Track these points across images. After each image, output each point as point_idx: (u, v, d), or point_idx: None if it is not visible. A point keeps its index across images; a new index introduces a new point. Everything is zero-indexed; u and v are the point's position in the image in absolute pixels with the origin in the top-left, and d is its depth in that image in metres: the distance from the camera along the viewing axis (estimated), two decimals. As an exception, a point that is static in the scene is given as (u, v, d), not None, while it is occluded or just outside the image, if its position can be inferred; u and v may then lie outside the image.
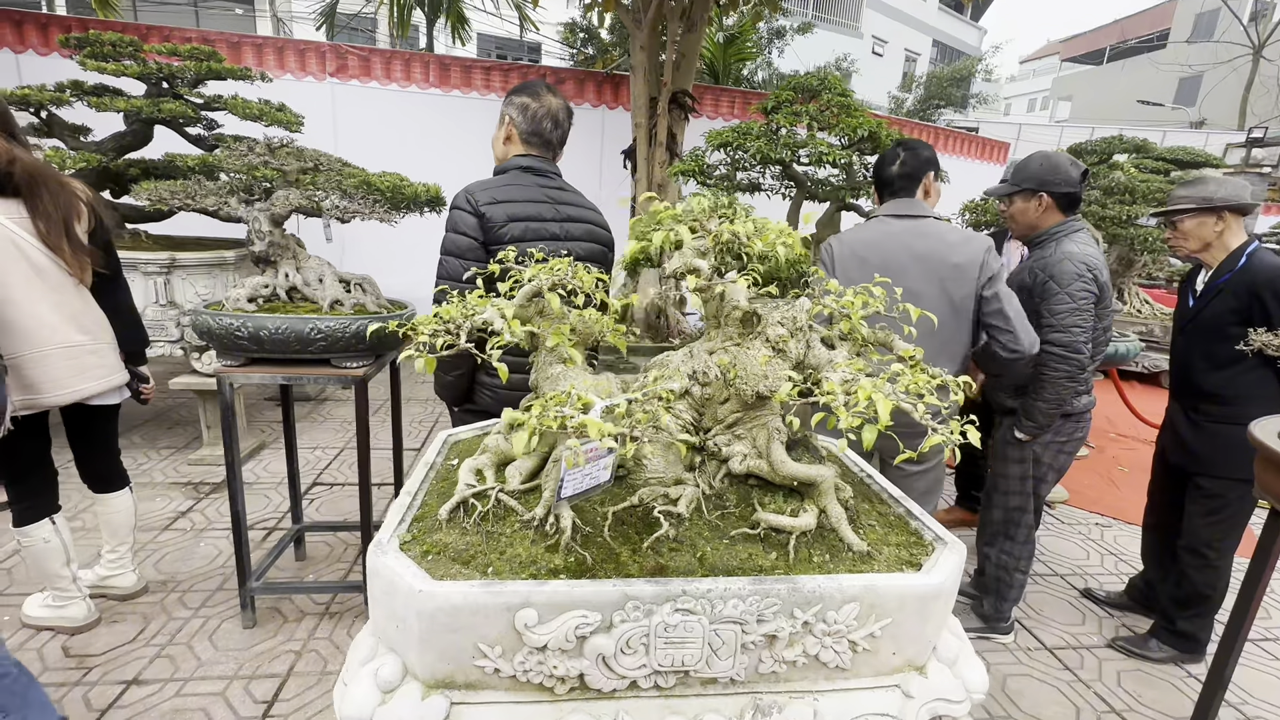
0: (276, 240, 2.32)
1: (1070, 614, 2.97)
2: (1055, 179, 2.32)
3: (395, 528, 0.89)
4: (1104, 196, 3.88)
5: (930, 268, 2.07)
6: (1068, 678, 2.55)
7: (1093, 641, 2.78)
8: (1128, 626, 2.88)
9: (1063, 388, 2.26)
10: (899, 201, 2.18)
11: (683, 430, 1.00)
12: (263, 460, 4.01)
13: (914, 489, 2.24)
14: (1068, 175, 2.32)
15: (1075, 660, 2.66)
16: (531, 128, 1.90)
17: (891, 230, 2.13)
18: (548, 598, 0.77)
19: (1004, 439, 2.55)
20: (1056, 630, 2.84)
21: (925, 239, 2.09)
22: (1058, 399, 2.29)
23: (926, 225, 2.13)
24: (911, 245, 2.09)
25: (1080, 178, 2.32)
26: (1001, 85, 34.59)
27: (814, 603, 0.82)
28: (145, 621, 2.51)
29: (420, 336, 0.89)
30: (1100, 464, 4.89)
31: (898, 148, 2.18)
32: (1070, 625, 2.89)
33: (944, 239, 2.09)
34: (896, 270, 2.08)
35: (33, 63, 5.33)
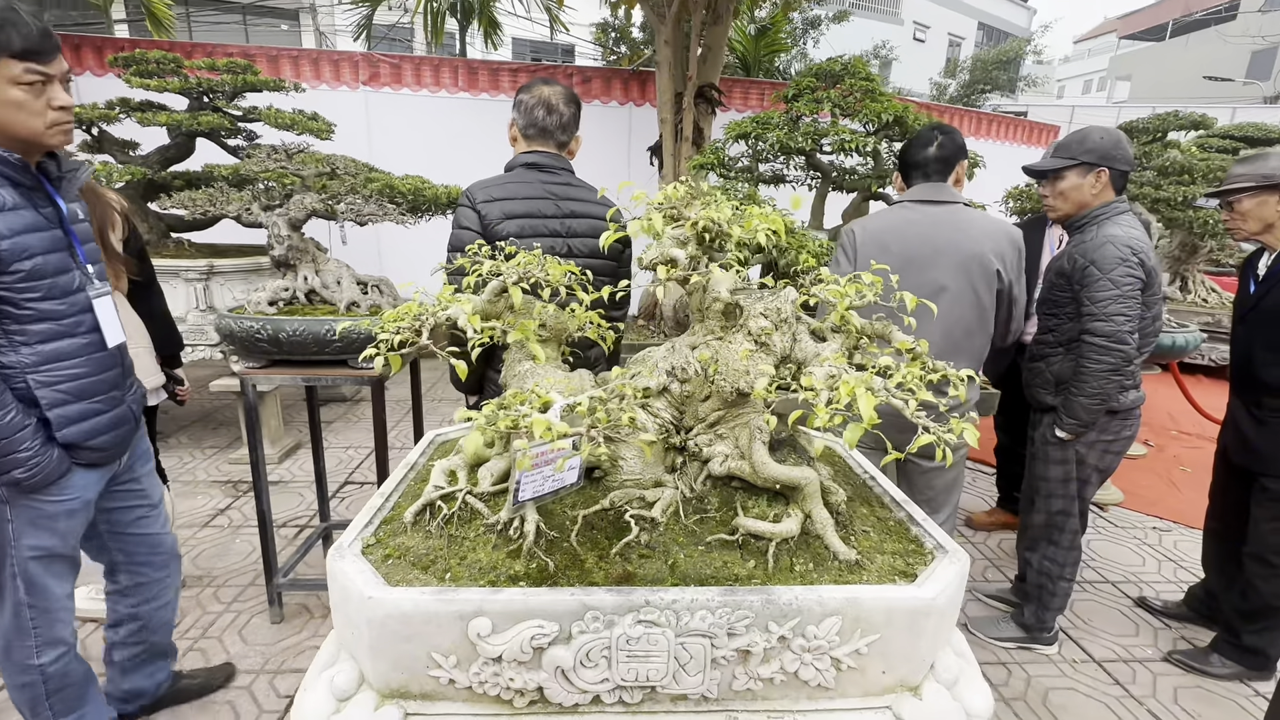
0: (295, 244, 2.37)
1: (1122, 624, 2.78)
2: (1117, 154, 2.15)
3: (360, 530, 0.87)
4: (1159, 177, 3.61)
5: (958, 258, 1.94)
6: (1117, 693, 2.38)
7: (1146, 654, 2.59)
8: (1187, 639, 2.67)
9: (1106, 381, 2.10)
10: (929, 186, 2.05)
11: (661, 430, 0.95)
12: (298, 459, 4.13)
13: (932, 485, 2.13)
14: (1127, 153, 2.16)
15: (1126, 674, 2.48)
16: (527, 120, 1.88)
17: (916, 217, 2.01)
18: (502, 606, 0.73)
19: (1044, 438, 2.39)
20: (1106, 642, 2.66)
21: (954, 227, 1.97)
22: (1101, 394, 2.13)
23: (955, 213, 2.01)
24: (938, 233, 1.97)
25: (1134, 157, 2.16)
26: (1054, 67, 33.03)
27: (791, 616, 0.75)
28: (181, 615, 2.59)
29: (383, 334, 0.86)
30: (1160, 463, 4.58)
31: (934, 130, 2.07)
32: (1122, 636, 2.70)
33: (973, 228, 1.96)
34: (921, 260, 1.96)
35: (90, 83, 5.63)
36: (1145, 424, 5.30)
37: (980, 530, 3.58)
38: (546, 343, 0.97)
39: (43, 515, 1.46)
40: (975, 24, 23.85)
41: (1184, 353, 3.59)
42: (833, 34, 13.15)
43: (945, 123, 2.08)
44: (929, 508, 2.19)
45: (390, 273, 2.81)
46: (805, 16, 12.47)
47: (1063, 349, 2.28)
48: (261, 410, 3.92)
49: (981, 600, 2.89)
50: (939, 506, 2.19)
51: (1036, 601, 2.53)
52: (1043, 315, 2.37)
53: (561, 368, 0.99)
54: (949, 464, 0.78)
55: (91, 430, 1.48)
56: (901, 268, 1.97)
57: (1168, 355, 3.62)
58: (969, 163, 3.11)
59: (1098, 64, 32.92)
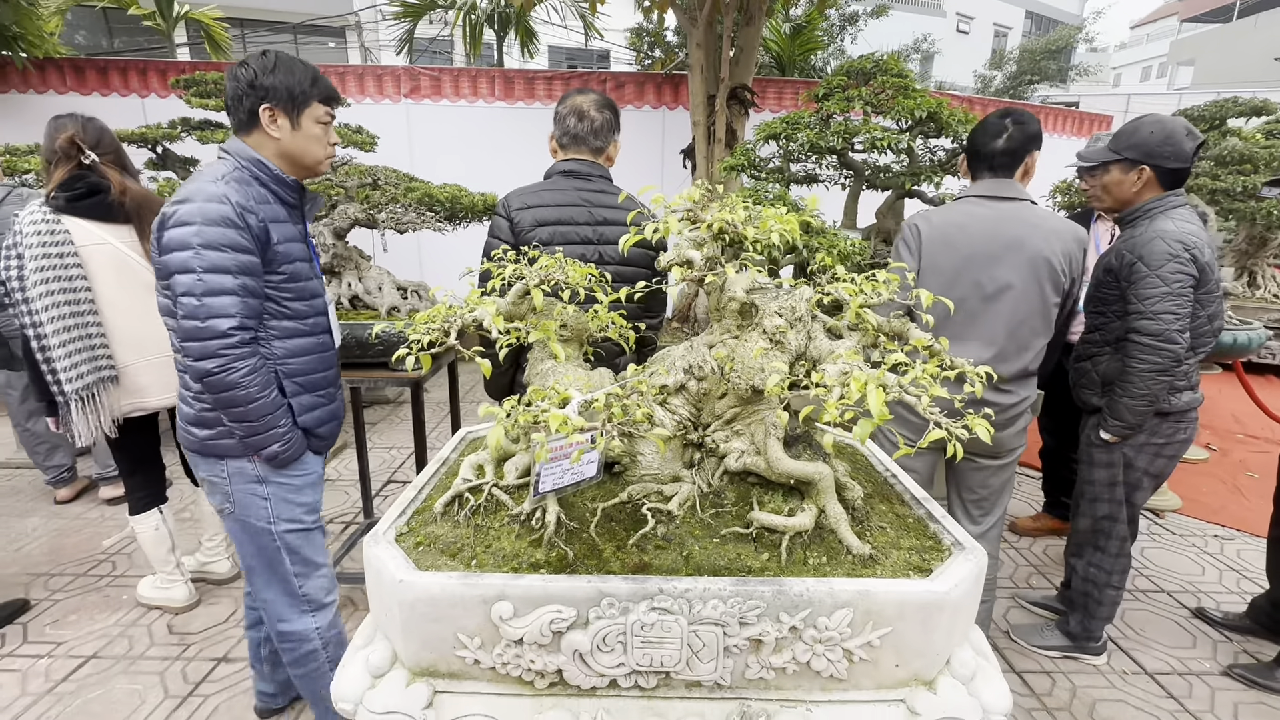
0: (340, 252, 2.49)
1: (1178, 636, 2.65)
2: (1164, 151, 2.03)
3: (394, 520, 0.92)
4: (1216, 167, 3.42)
5: (1025, 256, 1.88)
6: (1171, 707, 2.28)
7: (1204, 668, 2.47)
8: (1249, 653, 2.54)
9: (1154, 382, 2.02)
10: (995, 181, 1.96)
11: (679, 426, 0.97)
12: (345, 460, 4.30)
13: (987, 485, 2.09)
14: (1180, 148, 2.02)
15: (1182, 688, 2.37)
16: (562, 130, 1.95)
17: (984, 212, 1.94)
18: (523, 591, 0.77)
19: (1089, 440, 2.31)
20: (1160, 653, 2.55)
21: (1021, 224, 1.90)
22: (1148, 395, 2.05)
23: (1022, 210, 1.93)
24: (1004, 231, 1.90)
25: (1194, 151, 2.04)
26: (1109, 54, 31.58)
27: (802, 607, 0.77)
28: (237, 604, 2.75)
29: (414, 335, 0.92)
30: (1224, 468, 4.34)
31: (1004, 119, 1.95)
32: (1178, 648, 2.58)
33: (1041, 226, 1.89)
34: (986, 258, 1.91)
35: (155, 104, 6.00)
36: (1208, 427, 5.04)
37: (1025, 536, 3.47)
38: (568, 342, 1.01)
39: (291, 489, 1.68)
40: (1023, 13, 23.03)
41: (1247, 351, 3.40)
42: (871, 29, 12.89)
43: (1019, 109, 1.99)
44: (979, 509, 2.15)
45: (430, 278, 2.91)
46: (842, 13, 12.27)
47: (1110, 348, 2.20)
48: (310, 411, 4.10)
49: (1025, 607, 2.81)
50: (990, 508, 2.15)
51: (1082, 610, 2.45)
52: (1090, 313, 2.29)
53: (583, 366, 1.03)
54: (958, 457, 0.78)
55: (318, 419, 1.69)
56: (965, 264, 1.93)
57: (1230, 354, 3.44)
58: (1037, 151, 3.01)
59: (1158, 49, 31.30)
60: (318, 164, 1.68)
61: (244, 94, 1.58)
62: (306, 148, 1.64)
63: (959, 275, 1.93)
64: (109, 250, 2.26)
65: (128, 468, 2.52)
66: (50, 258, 2.10)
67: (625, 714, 0.80)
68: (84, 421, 2.19)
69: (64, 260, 2.13)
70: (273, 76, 1.58)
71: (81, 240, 2.19)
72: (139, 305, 2.32)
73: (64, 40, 11.25)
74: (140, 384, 2.35)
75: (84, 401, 2.18)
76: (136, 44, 13.47)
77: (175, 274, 1.43)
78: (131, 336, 2.31)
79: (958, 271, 1.93)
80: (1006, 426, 2.02)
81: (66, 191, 2.19)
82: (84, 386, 2.17)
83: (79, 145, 2.21)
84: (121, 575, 2.93)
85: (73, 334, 2.15)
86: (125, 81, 6.02)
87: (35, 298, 2.05)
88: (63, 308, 2.12)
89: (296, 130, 1.62)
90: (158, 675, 2.31)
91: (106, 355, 2.25)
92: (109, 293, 2.25)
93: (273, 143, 1.62)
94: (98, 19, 14.20)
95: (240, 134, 1.63)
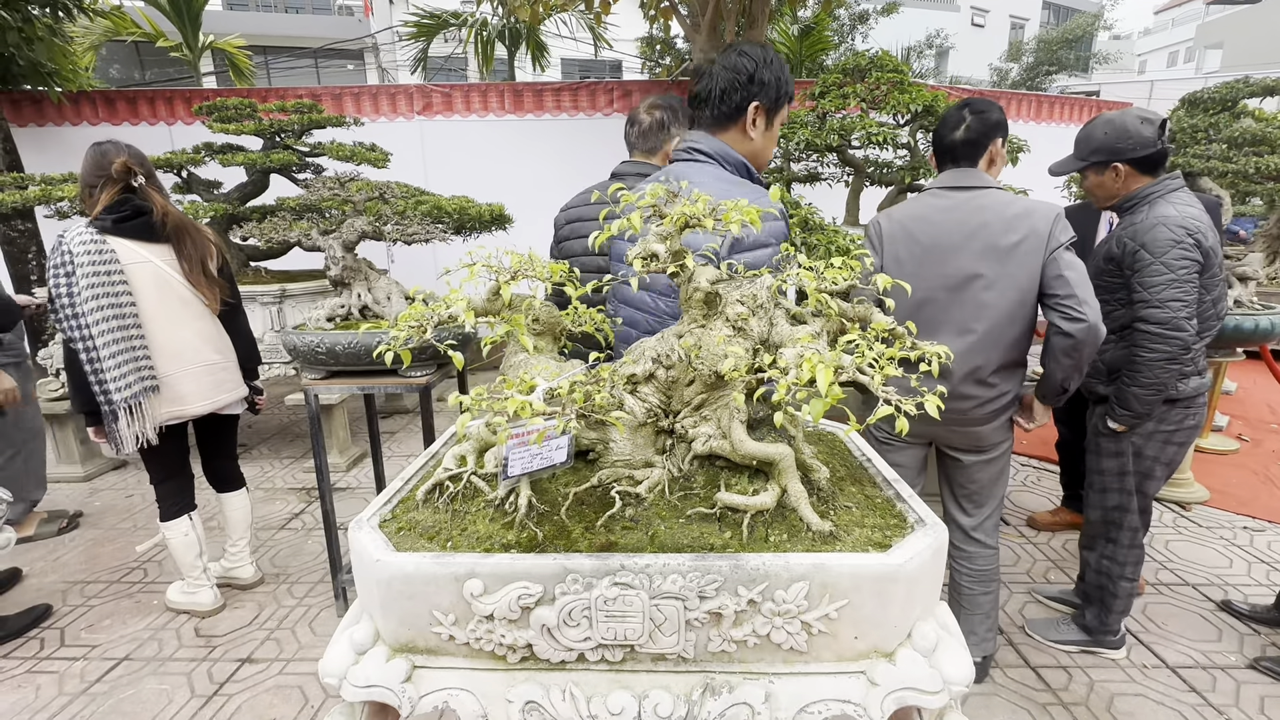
0: (349, 264, 2.58)
1: (1202, 629, 2.59)
2: (1125, 145, 2.05)
3: (379, 508, 0.97)
4: (1230, 150, 3.35)
5: (989, 245, 1.87)
6: (1194, 700, 2.22)
7: (1229, 661, 2.40)
8: (1278, 645, 2.46)
9: (1162, 371, 1.99)
10: (957, 172, 1.97)
11: (649, 414, 1.01)
12: (364, 468, 4.41)
13: (975, 480, 2.06)
14: (1140, 136, 2.03)
15: (1205, 681, 2.31)
16: (625, 139, 2.14)
17: (943, 203, 1.94)
18: (491, 569, 0.81)
19: (1096, 430, 2.28)
20: (1183, 647, 2.49)
21: (982, 213, 1.88)
22: (1156, 383, 2.02)
23: (985, 197, 1.90)
24: (966, 220, 1.88)
25: (1159, 132, 2.03)
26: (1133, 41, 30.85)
27: (759, 581, 0.80)
28: (260, 608, 2.84)
29: (396, 332, 0.97)
30: (1255, 459, 4.21)
31: (963, 109, 1.96)
32: (1202, 641, 2.52)
33: (1004, 212, 1.86)
34: (949, 248, 1.91)
35: (181, 131, 6.26)
36: (1240, 417, 4.90)
37: (1044, 530, 3.41)
38: (541, 335, 1.06)
39: None
40: (1040, 3, 22.66)
41: (1271, 336, 3.31)
42: (882, 27, 12.84)
43: (981, 99, 1.98)
44: (971, 502, 2.13)
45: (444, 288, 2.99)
46: (852, 12, 12.24)
47: (1115, 336, 2.17)
48: (330, 423, 4.23)
49: (1042, 602, 2.76)
50: (983, 501, 2.12)
51: (1098, 603, 2.40)
52: None
53: (556, 359, 1.07)
54: (903, 431, 0.80)
55: None
56: (926, 255, 1.92)
57: (1253, 339, 3.35)
58: (1013, 146, 2.99)
59: (1184, 34, 30.49)
60: (763, 170, 1.64)
61: (740, 87, 1.44)
62: (767, 151, 1.55)
63: (921, 267, 1.91)
64: (150, 268, 2.40)
65: (161, 475, 2.64)
66: (100, 275, 2.24)
67: (594, 686, 0.84)
68: (129, 429, 2.32)
69: (111, 278, 2.27)
70: (768, 71, 1.45)
71: (126, 259, 2.33)
72: (176, 318, 2.47)
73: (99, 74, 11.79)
74: (181, 392, 2.49)
75: (131, 410, 2.31)
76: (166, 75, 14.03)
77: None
78: (171, 348, 2.45)
79: (919, 263, 1.91)
80: (988, 421, 1.96)
81: (113, 214, 2.33)
82: (131, 395, 2.30)
83: (133, 170, 2.36)
84: (152, 581, 3.06)
85: (121, 346, 2.28)
86: (153, 110, 6.30)
87: (87, 313, 2.19)
88: (111, 322, 2.26)
89: (768, 131, 1.52)
90: (185, 676, 2.41)
91: (149, 366, 2.38)
92: (150, 308, 2.40)
93: (746, 143, 1.50)
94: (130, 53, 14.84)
95: (713, 129, 1.50)
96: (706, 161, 1.48)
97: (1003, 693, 2.27)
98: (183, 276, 2.47)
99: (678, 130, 2.08)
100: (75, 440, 4.12)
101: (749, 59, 1.44)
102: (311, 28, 15.32)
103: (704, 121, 1.57)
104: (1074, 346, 1.76)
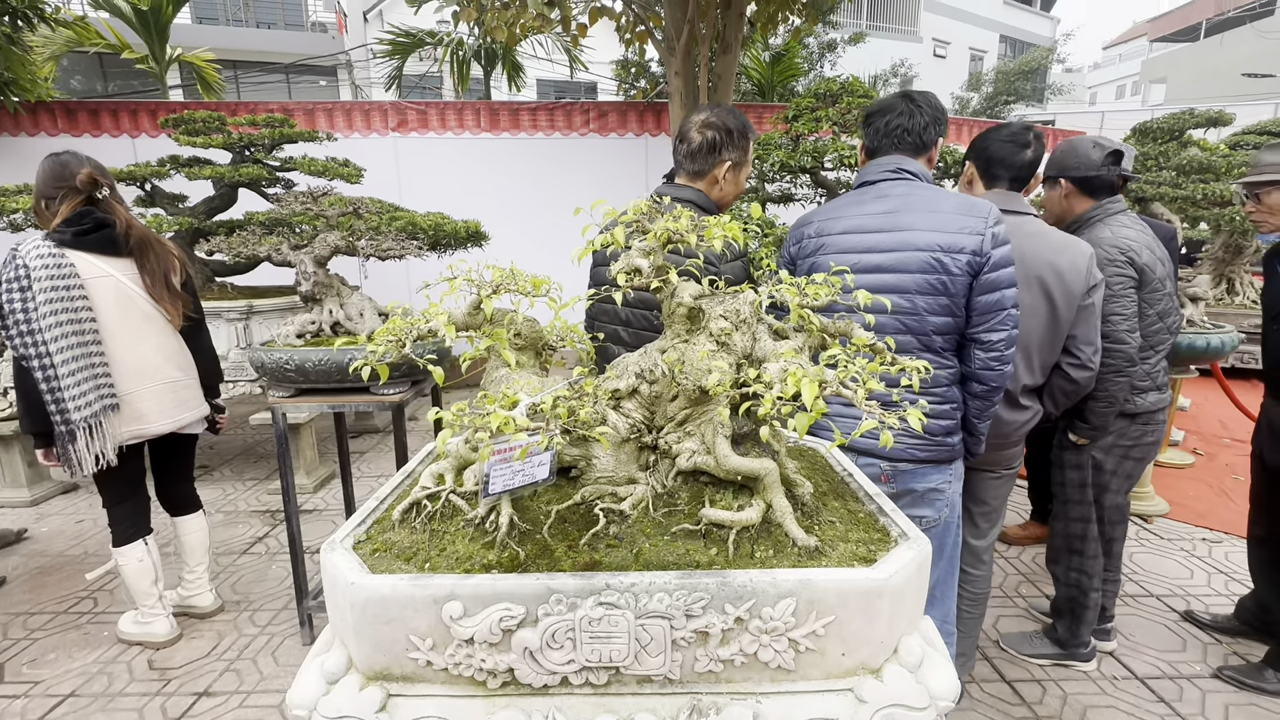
0: (321, 279, 2.52)
1: (1167, 639, 2.65)
2: (1070, 162, 2.18)
3: (353, 529, 0.94)
4: (1179, 176, 3.53)
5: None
6: (1162, 710, 2.27)
7: (1194, 671, 2.46)
8: (1239, 654, 2.53)
9: (1110, 383, 2.07)
10: (1004, 194, 2.01)
11: (633, 429, 1.00)
12: (332, 489, 4.28)
13: (999, 495, 2.11)
14: (1086, 158, 2.16)
15: (1172, 691, 2.36)
16: (674, 160, 1.99)
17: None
18: (472, 590, 0.79)
19: (1059, 443, 2.35)
20: (1150, 658, 2.54)
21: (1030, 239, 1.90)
22: (1108, 396, 2.10)
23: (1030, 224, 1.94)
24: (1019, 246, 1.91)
25: (1108, 159, 2.14)
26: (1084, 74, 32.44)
27: (746, 598, 0.79)
28: (219, 638, 2.71)
29: (374, 347, 0.95)
30: (1210, 472, 4.37)
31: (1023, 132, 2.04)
32: (1167, 652, 2.57)
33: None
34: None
35: (145, 144, 6.11)
36: (1195, 432, 5.08)
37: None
38: (523, 350, 1.05)
39: None
40: (997, 37, 23.72)
41: (1220, 354, 3.45)
42: (849, 56, 13.26)
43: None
44: (987, 521, 2.16)
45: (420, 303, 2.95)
46: (821, 41, 12.63)
47: None
48: (297, 443, 4.10)
49: (1039, 618, 2.79)
50: (996, 519, 2.18)
51: (1069, 615, 2.45)
52: None
53: (538, 374, 1.06)
54: (888, 445, 0.81)
55: None
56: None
57: (1204, 357, 3.49)
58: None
59: (1130, 68, 32.25)
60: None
61: (938, 122, 1.72)
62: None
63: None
64: (112, 283, 2.32)
65: (116, 497, 2.53)
66: (58, 290, 2.15)
67: (578, 712, 0.81)
68: (88, 450, 2.22)
69: (71, 293, 2.19)
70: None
71: (86, 273, 2.25)
72: (139, 335, 2.38)
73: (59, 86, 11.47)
74: (141, 410, 2.39)
75: (91, 430, 2.21)
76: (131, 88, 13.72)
77: None
78: (132, 365, 2.37)
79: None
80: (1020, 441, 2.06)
81: (73, 227, 2.25)
82: (91, 414, 2.20)
83: (100, 181, 2.28)
84: (103, 611, 2.90)
85: (80, 364, 2.19)
86: (116, 123, 6.14)
87: (44, 329, 2.10)
88: (70, 339, 2.17)
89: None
90: (136, 712, 2.28)
91: (109, 384, 2.29)
92: (111, 323, 2.31)
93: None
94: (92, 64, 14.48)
95: (918, 156, 1.72)
96: (917, 181, 1.69)
97: (979, 707, 2.28)
98: (145, 291, 2.39)
99: (731, 154, 1.84)
100: (22, 463, 3.92)
101: (934, 104, 1.70)
102: (284, 44, 15.16)
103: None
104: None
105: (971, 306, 1.61)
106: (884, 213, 1.65)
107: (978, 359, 1.63)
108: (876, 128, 1.74)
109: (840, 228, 1.72)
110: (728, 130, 1.83)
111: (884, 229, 1.63)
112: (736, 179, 1.90)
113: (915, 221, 1.60)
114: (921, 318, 1.61)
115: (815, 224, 1.79)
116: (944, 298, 1.59)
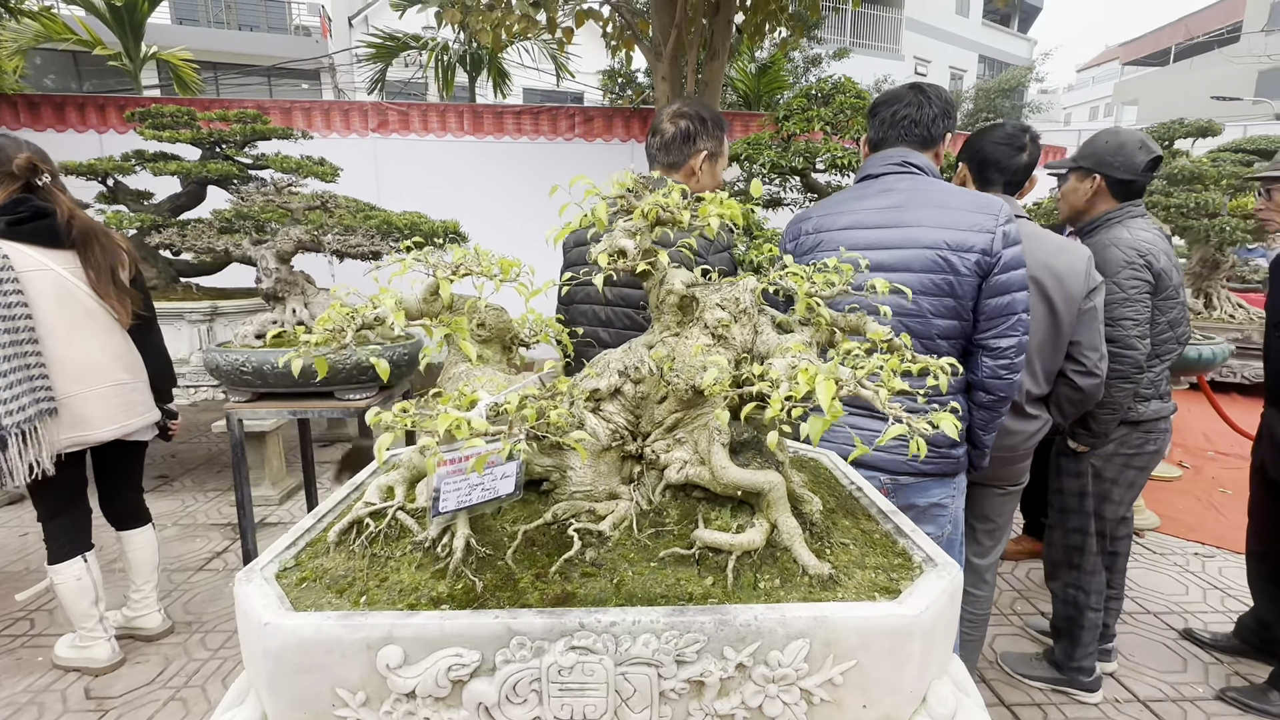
0: (284, 277, 2.36)
1: (1168, 659, 2.55)
2: (1115, 161, 2.05)
3: (280, 553, 0.78)
4: (1169, 185, 3.50)
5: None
6: (1167, 736, 2.16)
7: (1197, 693, 2.36)
8: (1241, 675, 2.44)
9: (1116, 390, 1.98)
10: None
11: (614, 436, 0.86)
12: (300, 501, 4.06)
13: (1006, 510, 1.99)
14: (1130, 159, 2.03)
15: (1176, 715, 2.26)
16: (647, 155, 1.90)
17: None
18: (415, 632, 0.64)
19: (1058, 450, 2.26)
20: (1151, 678, 2.44)
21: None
22: (1112, 403, 2.01)
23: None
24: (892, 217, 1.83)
25: (1148, 165, 2.05)
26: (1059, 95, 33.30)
27: (750, 639, 0.65)
28: (166, 663, 2.50)
29: (312, 337, 0.80)
30: (1198, 486, 4.33)
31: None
32: (1169, 673, 2.47)
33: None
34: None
35: (113, 140, 5.89)
36: (1180, 445, 5.06)
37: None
38: (487, 343, 0.91)
39: None
40: (976, 57, 24.21)
41: (1211, 366, 3.41)
42: (833, 71, 13.40)
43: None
44: (991, 538, 2.05)
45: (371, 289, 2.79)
46: (806, 55, 12.75)
47: None
48: (263, 451, 3.89)
49: (1037, 637, 2.68)
50: (1000, 536, 2.06)
51: (1067, 636, 2.33)
52: None
53: (506, 371, 0.92)
54: (921, 454, 0.68)
55: None
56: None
57: (1194, 369, 3.45)
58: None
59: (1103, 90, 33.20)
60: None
61: (948, 115, 1.62)
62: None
63: None
64: (51, 276, 2.14)
65: (51, 510, 2.32)
66: None
67: (543, 780, 0.66)
68: (21, 458, 2.02)
69: (3, 286, 2.00)
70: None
71: (22, 266, 2.07)
72: (80, 333, 2.19)
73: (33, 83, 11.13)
74: (84, 415, 2.21)
75: (25, 436, 2.02)
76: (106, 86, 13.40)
77: None
78: (74, 366, 2.18)
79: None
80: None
81: (7, 215, 2.07)
82: (25, 419, 2.01)
83: (38, 167, 2.11)
84: (40, 634, 2.67)
85: (12, 364, 2.00)
86: (83, 118, 5.91)
87: None
88: (2, 336, 1.97)
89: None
90: (67, 750, 2.07)
91: (46, 387, 2.10)
92: (50, 320, 2.13)
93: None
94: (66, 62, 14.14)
95: (924, 150, 1.62)
96: (922, 175, 1.60)
97: (981, 736, 2.15)
98: (89, 286, 2.21)
99: (706, 143, 1.78)
100: (-39, 472, 3.66)
101: (944, 97, 1.62)
102: (265, 46, 14.91)
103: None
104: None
105: (980, 310, 1.50)
106: (888, 208, 1.54)
107: (985, 366, 1.52)
108: (882, 118, 1.63)
109: (841, 223, 1.61)
110: (701, 119, 1.77)
111: (888, 225, 1.53)
112: (713, 170, 1.83)
113: (921, 217, 1.50)
114: (926, 320, 1.50)
115: (814, 219, 1.68)
116: (950, 299, 1.49)
